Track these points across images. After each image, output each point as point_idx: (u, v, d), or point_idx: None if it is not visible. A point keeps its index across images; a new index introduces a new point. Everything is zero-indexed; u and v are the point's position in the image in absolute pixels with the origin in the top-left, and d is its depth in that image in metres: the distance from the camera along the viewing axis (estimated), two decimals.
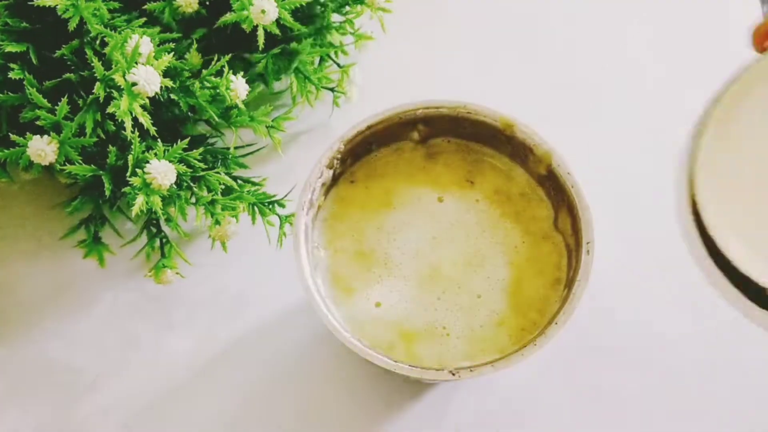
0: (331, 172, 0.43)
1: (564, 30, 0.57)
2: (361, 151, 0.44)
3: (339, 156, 0.43)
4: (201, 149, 0.45)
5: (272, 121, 0.49)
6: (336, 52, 0.53)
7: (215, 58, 0.46)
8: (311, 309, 0.39)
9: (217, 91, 0.45)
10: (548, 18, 0.58)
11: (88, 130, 0.42)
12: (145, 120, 0.41)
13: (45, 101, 0.42)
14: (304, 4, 0.47)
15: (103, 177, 0.43)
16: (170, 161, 0.42)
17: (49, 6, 0.41)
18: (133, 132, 0.41)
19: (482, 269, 0.42)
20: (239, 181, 0.48)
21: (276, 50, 0.48)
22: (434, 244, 0.43)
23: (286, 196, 0.48)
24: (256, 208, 0.47)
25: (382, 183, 0.44)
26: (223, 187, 0.46)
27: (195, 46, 0.46)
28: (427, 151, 0.45)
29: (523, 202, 0.44)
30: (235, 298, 0.49)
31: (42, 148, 0.41)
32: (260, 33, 0.45)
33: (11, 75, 0.43)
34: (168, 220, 0.46)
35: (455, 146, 0.45)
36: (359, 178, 0.45)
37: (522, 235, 0.43)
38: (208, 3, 0.46)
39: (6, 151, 0.42)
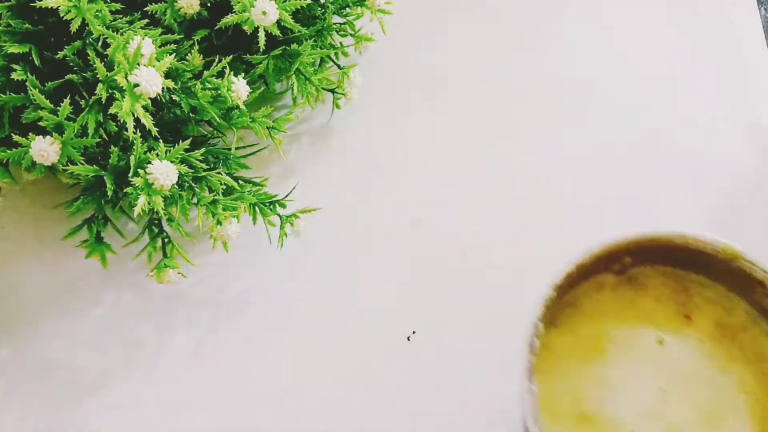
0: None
1: (563, 30, 0.58)
2: (562, 290, 0.38)
3: (550, 304, 0.36)
4: (202, 150, 0.45)
5: (273, 122, 0.49)
6: (336, 54, 0.53)
7: (216, 60, 0.46)
8: None
9: (219, 92, 0.45)
10: (550, 18, 0.58)
11: (91, 131, 0.42)
12: (147, 121, 0.41)
13: (47, 102, 0.42)
14: (304, 5, 0.47)
15: (105, 177, 0.43)
16: (172, 162, 0.42)
17: (52, 7, 0.41)
18: (135, 133, 0.41)
19: (725, 425, 0.35)
20: (240, 182, 0.48)
21: (277, 51, 0.48)
22: (664, 397, 0.36)
23: (286, 196, 0.48)
24: (257, 209, 0.47)
25: (588, 325, 0.38)
26: (224, 187, 0.46)
27: (196, 47, 0.46)
28: (630, 283, 0.39)
29: (746, 337, 0.38)
30: (236, 298, 0.49)
31: (44, 149, 0.41)
32: (261, 34, 0.45)
33: (14, 76, 0.43)
34: (170, 220, 0.46)
35: (660, 273, 0.39)
36: (562, 321, 0.38)
37: (755, 379, 0.36)
38: (209, 4, 0.47)
39: (9, 151, 0.42)
